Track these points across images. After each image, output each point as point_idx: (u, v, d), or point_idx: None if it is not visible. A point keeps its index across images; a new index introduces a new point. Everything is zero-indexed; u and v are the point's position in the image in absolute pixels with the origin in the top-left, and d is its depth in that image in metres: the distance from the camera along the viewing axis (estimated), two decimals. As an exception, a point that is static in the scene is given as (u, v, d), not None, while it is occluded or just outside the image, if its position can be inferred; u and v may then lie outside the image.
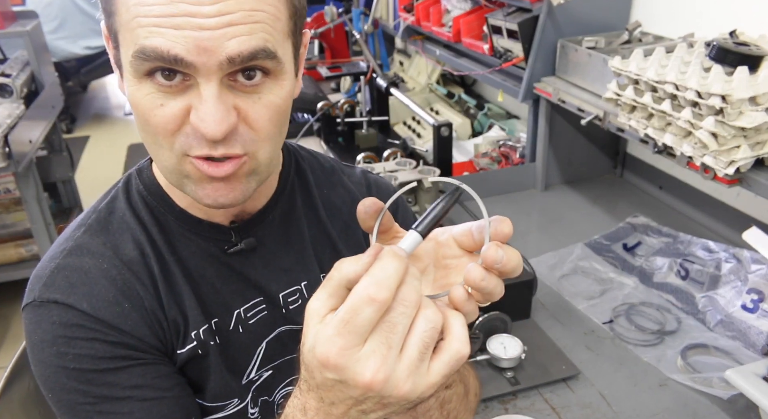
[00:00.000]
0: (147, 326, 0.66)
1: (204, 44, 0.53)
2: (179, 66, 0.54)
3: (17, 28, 2.40)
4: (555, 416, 1.03)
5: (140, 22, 0.53)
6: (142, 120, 0.58)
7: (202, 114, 0.55)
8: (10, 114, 2.11)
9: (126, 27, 0.55)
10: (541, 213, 1.71)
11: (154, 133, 0.58)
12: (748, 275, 1.18)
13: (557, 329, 1.23)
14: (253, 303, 0.74)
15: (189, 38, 0.53)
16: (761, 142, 1.07)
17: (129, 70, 0.56)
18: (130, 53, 0.55)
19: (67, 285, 0.64)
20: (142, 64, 0.55)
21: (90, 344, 0.63)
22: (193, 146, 0.58)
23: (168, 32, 0.53)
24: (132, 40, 0.55)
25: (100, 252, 0.67)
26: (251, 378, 0.75)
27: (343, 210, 0.81)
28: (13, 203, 2.52)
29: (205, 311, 0.70)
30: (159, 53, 0.53)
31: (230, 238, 0.71)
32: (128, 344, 0.65)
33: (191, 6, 0.53)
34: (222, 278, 0.72)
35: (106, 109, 5.26)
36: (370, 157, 1.90)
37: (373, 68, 2.23)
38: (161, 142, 0.59)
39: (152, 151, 0.61)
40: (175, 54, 0.53)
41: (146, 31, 0.53)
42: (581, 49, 1.51)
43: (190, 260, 0.70)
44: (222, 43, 0.54)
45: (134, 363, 0.64)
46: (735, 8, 1.38)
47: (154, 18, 0.53)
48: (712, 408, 1.03)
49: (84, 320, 0.63)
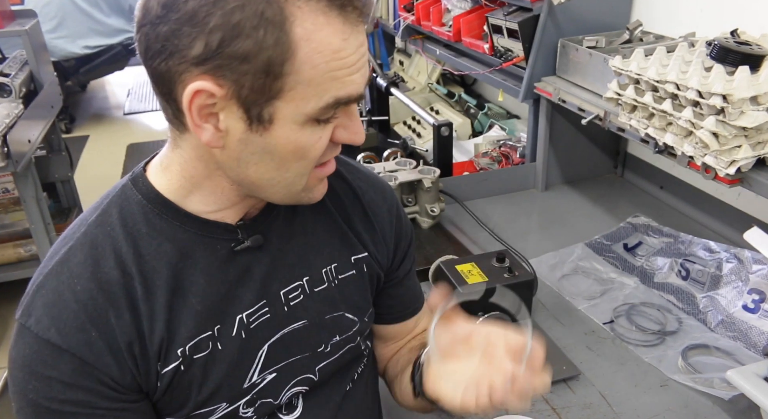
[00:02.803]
0: (112, 355, 0.65)
1: (366, 74, 0.62)
2: (354, 100, 0.62)
3: (16, 28, 2.39)
4: (555, 416, 1.03)
5: (335, 75, 0.58)
6: (298, 157, 0.64)
7: (355, 128, 0.65)
8: (8, 113, 2.11)
9: (311, 83, 0.58)
10: (542, 213, 1.70)
11: (306, 165, 0.65)
12: (749, 275, 1.18)
13: (557, 329, 1.23)
14: (257, 307, 0.74)
15: (365, 75, 0.61)
16: (762, 142, 1.07)
17: (299, 120, 0.60)
18: (317, 105, 0.59)
19: (41, 307, 0.65)
20: (327, 112, 0.61)
21: (48, 382, 0.64)
22: (326, 156, 0.67)
23: (357, 77, 0.60)
24: (320, 93, 0.59)
25: (77, 273, 0.66)
26: (253, 381, 0.74)
27: (345, 200, 0.82)
28: (12, 203, 2.52)
29: (207, 320, 0.70)
30: (352, 99, 0.61)
31: (237, 236, 0.72)
32: (85, 386, 0.65)
33: (363, 47, 0.61)
34: (227, 281, 0.71)
35: (105, 108, 5.25)
36: (370, 156, 1.90)
37: (373, 68, 2.22)
38: (306, 170, 0.66)
39: (289, 182, 0.66)
40: (360, 93, 0.62)
41: (340, 83, 0.59)
42: (582, 48, 1.51)
43: (192, 269, 0.69)
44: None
45: (83, 411, 0.65)
46: (736, 7, 1.38)
47: (348, 69, 0.59)
48: (714, 409, 1.03)
49: (48, 354, 0.64)
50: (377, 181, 0.87)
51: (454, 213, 1.65)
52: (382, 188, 0.87)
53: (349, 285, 0.81)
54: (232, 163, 0.64)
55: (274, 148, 0.62)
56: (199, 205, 0.70)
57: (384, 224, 0.84)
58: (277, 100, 0.58)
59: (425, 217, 1.60)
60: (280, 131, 0.60)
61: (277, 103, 0.59)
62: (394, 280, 0.89)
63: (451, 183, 1.70)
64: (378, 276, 0.85)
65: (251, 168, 0.64)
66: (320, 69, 0.57)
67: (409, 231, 0.90)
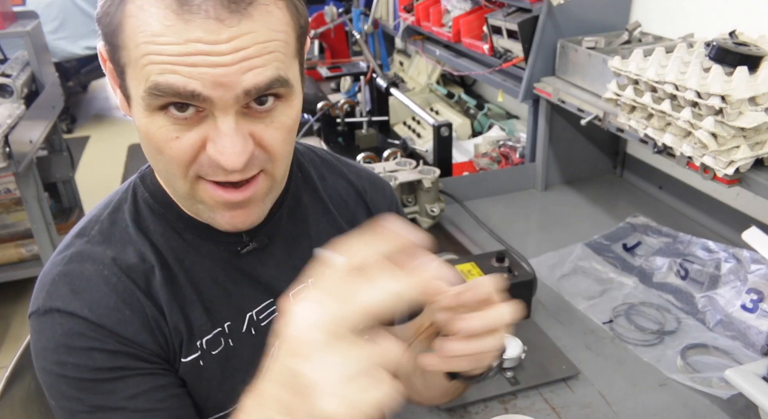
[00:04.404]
0: (148, 333, 0.66)
1: (220, 80, 0.54)
2: (195, 100, 0.55)
3: (17, 29, 2.40)
4: (555, 416, 1.03)
5: (152, 59, 0.53)
6: (155, 151, 0.59)
7: (221, 147, 0.56)
8: (10, 114, 2.12)
9: (135, 63, 0.55)
10: (541, 213, 1.71)
11: (168, 163, 0.59)
12: (748, 275, 1.18)
13: (557, 329, 1.23)
14: (265, 305, 0.74)
15: (205, 75, 0.53)
16: (761, 142, 1.08)
17: (140, 103, 0.57)
18: (141, 89, 0.55)
19: (69, 292, 0.65)
20: (156, 99, 0.55)
21: (89, 354, 0.63)
22: (209, 173, 0.59)
23: (183, 70, 0.53)
24: (143, 76, 0.55)
25: (100, 260, 0.67)
26: None
27: (348, 201, 0.82)
28: (14, 203, 2.52)
29: (217, 316, 0.70)
30: (175, 90, 0.54)
31: (240, 240, 0.72)
32: (127, 352, 0.65)
33: (206, 46, 0.53)
34: (233, 281, 0.72)
35: (106, 109, 5.26)
36: (370, 157, 1.90)
37: (373, 68, 2.23)
38: (175, 171, 0.59)
39: (164, 178, 0.62)
40: (192, 89, 0.54)
41: (159, 69, 0.53)
42: (581, 49, 1.51)
43: (199, 266, 0.70)
44: (238, 77, 0.54)
45: (131, 373, 0.65)
46: (734, 8, 1.38)
47: (167, 57, 0.53)
48: (712, 408, 1.03)
49: (84, 328, 0.63)
50: (378, 180, 0.88)
51: (453, 214, 1.65)
52: (383, 187, 0.87)
53: None
54: None
55: (138, 129, 0.59)
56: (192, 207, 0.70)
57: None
58: (126, 75, 0.58)
59: (425, 217, 1.60)
60: (135, 112, 0.59)
61: (127, 79, 0.58)
62: None
63: (451, 183, 1.70)
64: None
65: (144, 149, 0.62)
66: (140, 49, 0.54)
67: None
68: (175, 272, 0.69)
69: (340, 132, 2.35)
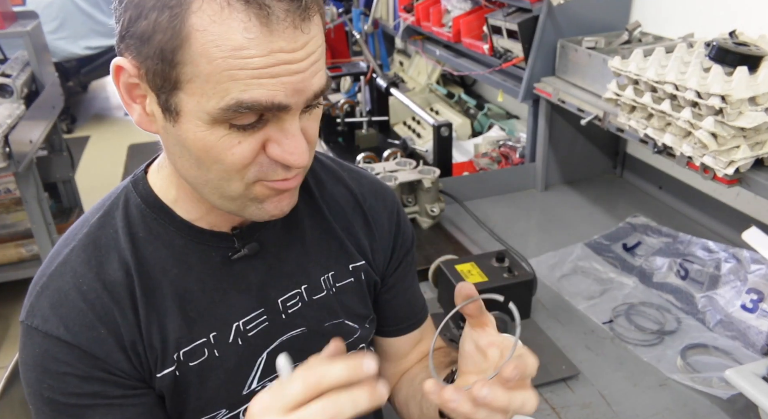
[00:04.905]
0: (121, 351, 0.66)
1: (298, 86, 0.56)
2: (272, 110, 0.56)
3: (17, 29, 2.40)
4: (555, 416, 1.03)
5: (234, 75, 0.53)
6: (212, 160, 0.59)
7: (290, 148, 0.59)
8: (10, 114, 2.12)
9: (207, 79, 0.54)
10: (541, 213, 1.71)
11: (226, 170, 0.60)
12: (748, 275, 1.18)
13: (557, 329, 1.23)
14: (254, 315, 0.74)
15: (287, 84, 0.55)
16: (761, 142, 1.08)
17: (202, 118, 0.56)
18: (212, 105, 0.55)
19: (48, 307, 0.66)
20: (234, 116, 0.56)
21: (62, 378, 0.65)
22: (269, 173, 0.61)
23: (267, 82, 0.54)
24: (218, 92, 0.54)
25: (82, 273, 0.67)
26: (253, 388, 0.74)
27: (346, 208, 0.81)
28: (14, 203, 2.52)
29: (201, 327, 0.70)
30: (259, 105, 0.55)
31: (233, 245, 0.72)
32: (99, 378, 0.66)
33: (287, 54, 0.54)
34: (222, 290, 0.71)
35: (106, 109, 5.26)
36: (370, 157, 1.90)
37: (373, 68, 2.23)
38: (232, 176, 0.60)
39: (215, 185, 0.62)
40: (277, 102, 0.55)
41: (243, 84, 0.54)
42: (581, 49, 1.51)
43: (187, 276, 0.70)
44: (310, 81, 0.57)
45: (101, 402, 0.66)
46: (735, 8, 1.39)
47: (251, 71, 0.53)
48: (712, 408, 1.03)
49: (59, 350, 0.65)
50: (380, 187, 0.86)
51: (453, 214, 1.65)
52: (384, 195, 0.86)
53: (348, 293, 0.81)
54: (167, 153, 0.65)
55: (185, 142, 0.59)
56: (186, 209, 0.70)
57: (383, 231, 0.84)
58: (179, 91, 0.56)
59: (425, 217, 1.61)
60: (187, 126, 0.58)
61: (180, 94, 0.56)
62: (387, 285, 0.87)
63: (450, 183, 1.70)
64: (375, 283, 0.84)
65: (178, 161, 0.62)
66: (218, 65, 0.53)
67: (409, 239, 0.88)
68: (159, 283, 0.68)
69: (340, 132, 2.35)
